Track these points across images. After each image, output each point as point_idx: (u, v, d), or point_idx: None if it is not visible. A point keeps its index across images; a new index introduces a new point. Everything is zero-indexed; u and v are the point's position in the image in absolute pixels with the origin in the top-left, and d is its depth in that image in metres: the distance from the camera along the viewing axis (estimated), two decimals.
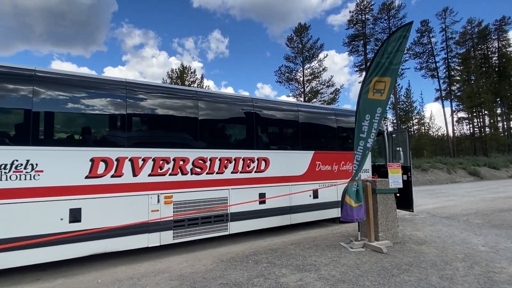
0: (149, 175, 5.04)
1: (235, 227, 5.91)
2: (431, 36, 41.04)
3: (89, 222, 4.47)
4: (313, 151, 7.09)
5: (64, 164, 4.37)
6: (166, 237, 5.16)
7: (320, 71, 35.76)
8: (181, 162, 5.35)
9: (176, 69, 32.42)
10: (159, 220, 5.03)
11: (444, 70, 42.30)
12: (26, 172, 4.11)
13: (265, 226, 6.32)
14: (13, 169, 4.04)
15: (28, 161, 4.12)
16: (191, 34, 66.04)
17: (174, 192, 5.26)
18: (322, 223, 7.75)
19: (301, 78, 36.00)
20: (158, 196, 5.10)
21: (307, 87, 35.97)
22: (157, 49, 66.18)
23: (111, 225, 4.54)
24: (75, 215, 4.39)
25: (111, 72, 56.52)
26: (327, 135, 7.83)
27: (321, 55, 36.08)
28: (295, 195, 6.55)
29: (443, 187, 18.27)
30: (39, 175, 4.19)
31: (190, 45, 62.40)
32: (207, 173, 5.63)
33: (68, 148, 4.50)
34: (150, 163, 5.04)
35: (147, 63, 65.03)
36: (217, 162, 5.75)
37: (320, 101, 34.93)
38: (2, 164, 3.98)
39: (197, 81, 32.72)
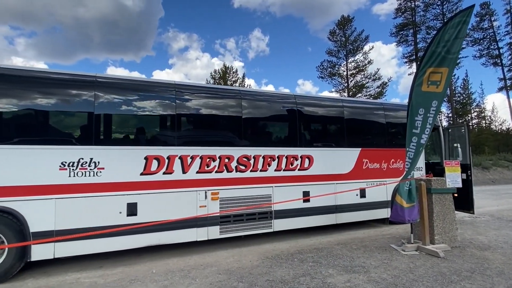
0: (197, 172, 5.26)
1: (279, 224, 5.92)
2: (493, 19, 36.82)
3: (144, 215, 4.81)
4: (360, 149, 6.81)
5: (122, 161, 4.75)
6: (213, 232, 5.35)
7: (365, 64, 34.13)
8: (226, 160, 5.50)
9: (218, 69, 33.41)
10: (206, 216, 5.22)
11: (509, 57, 37.74)
12: (90, 169, 4.55)
13: (310, 224, 6.24)
14: (79, 166, 4.49)
15: (91, 159, 4.55)
16: (232, 34, 67.27)
17: (220, 189, 5.42)
18: (370, 224, 7.42)
19: (345, 73, 34.73)
20: (206, 192, 5.31)
21: (351, 81, 34.61)
22: (200, 51, 68.58)
23: (163, 219, 4.84)
24: (132, 209, 4.75)
25: (159, 75, 60.04)
26: (375, 131, 7.46)
27: (366, 48, 34.41)
28: (341, 194, 6.35)
29: (509, 187, 16.38)
30: (101, 172, 4.60)
31: (232, 45, 63.57)
32: (251, 171, 5.71)
33: (125, 147, 4.88)
34: (197, 161, 5.26)
35: (191, 65, 67.73)
36: (261, 160, 5.80)
37: (366, 95, 33.38)
38: (70, 162, 4.45)
39: (238, 80, 33.31)
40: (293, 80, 68.44)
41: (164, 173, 5.01)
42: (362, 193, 6.76)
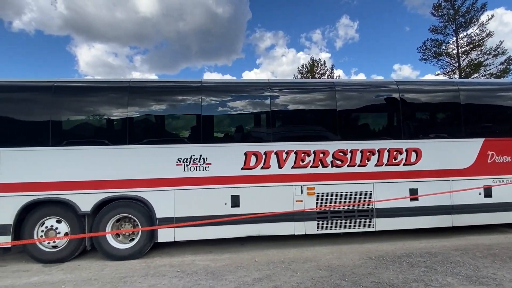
0: (292, 167, 5.32)
1: (381, 224, 5.48)
2: None
3: (246, 207, 5.14)
4: (483, 139, 5.71)
5: (225, 157, 5.19)
6: (311, 227, 5.33)
7: (483, 38, 28.24)
8: (321, 155, 5.39)
9: (305, 63, 33.02)
10: (303, 211, 5.25)
11: None
12: (200, 165, 5.12)
13: (419, 226, 5.58)
14: (191, 162, 5.11)
15: (201, 155, 5.12)
16: (318, 26, 65.52)
17: (316, 184, 5.36)
18: (496, 229, 6.18)
19: (455, 51, 29.60)
20: (301, 187, 5.33)
21: (463, 60, 29.28)
22: (285, 47, 69.17)
23: (262, 211, 5.09)
24: (235, 201, 5.14)
25: (248, 76, 63.36)
26: (503, 117, 6.14)
27: (483, 18, 28.50)
28: (459, 192, 5.46)
29: None
30: (209, 167, 5.13)
31: (317, 37, 61.96)
32: (348, 166, 5.45)
33: (227, 144, 5.32)
34: (292, 156, 5.32)
35: (277, 63, 69.02)
36: (359, 154, 5.47)
37: (485, 75, 27.72)
38: (184, 158, 5.10)
39: (327, 72, 32.27)
40: (387, 65, 62.28)
41: (261, 168, 5.25)
42: (487, 192, 5.66)
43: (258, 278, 3.97)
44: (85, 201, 4.90)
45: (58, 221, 4.97)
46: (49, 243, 4.91)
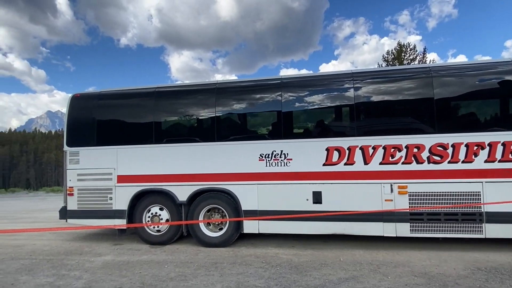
0: (380, 163, 4.93)
1: (494, 230, 4.64)
2: None
3: (329, 204, 5.01)
4: None
5: (306, 153, 5.14)
6: (403, 229, 4.86)
7: None
8: (415, 150, 4.84)
9: (391, 50, 30.07)
10: (393, 211, 4.82)
11: None
12: (281, 160, 5.19)
13: None
14: (273, 157, 5.23)
15: (282, 151, 5.19)
16: (405, 6, 59.30)
17: (408, 182, 4.86)
18: None
19: None
20: (391, 185, 4.90)
21: None
22: (367, 34, 65.09)
23: (347, 209, 4.88)
24: (317, 197, 5.06)
25: (326, 69, 61.31)
26: None
27: None
28: None
29: None
30: (290, 162, 5.17)
31: (405, 18, 56.24)
32: (449, 162, 4.76)
33: (308, 140, 5.26)
34: (380, 151, 4.93)
35: (357, 52, 65.57)
36: (463, 149, 4.72)
37: None
38: (266, 154, 5.25)
39: (417, 57, 28.77)
40: (497, 44, 52.47)
41: (345, 164, 5.02)
42: None
43: (344, 278, 3.82)
44: (182, 192, 5.51)
45: (161, 209, 5.73)
46: (154, 227, 5.71)
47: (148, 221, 5.76)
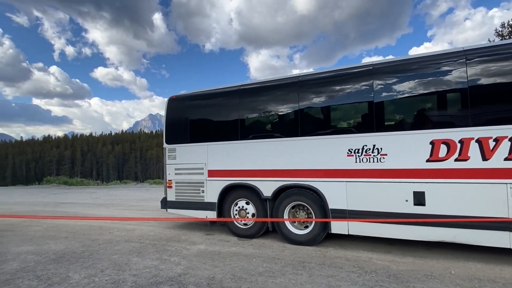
0: (506, 159, 3.97)
1: None
2: None
3: (434, 207, 4.29)
4: None
5: (405, 147, 4.51)
6: None
7: None
8: None
9: (507, 21, 24.59)
10: None
11: None
12: (374, 156, 4.69)
13: None
14: (363, 153, 4.76)
15: (374, 145, 4.68)
16: None
17: None
18: None
19: None
20: None
21: None
22: (470, 8, 54.79)
23: (458, 213, 4.10)
24: (419, 198, 4.39)
25: (416, 52, 54.15)
26: None
27: None
28: None
29: None
30: (384, 158, 4.62)
31: None
32: None
33: (407, 133, 4.59)
34: (505, 144, 3.96)
35: (457, 30, 56.34)
36: None
37: None
38: (355, 149, 4.81)
39: None
40: None
41: (456, 160, 4.21)
42: None
43: None
44: (266, 187, 5.52)
45: (247, 203, 5.87)
46: (241, 220, 5.89)
47: (236, 214, 5.97)
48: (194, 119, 6.50)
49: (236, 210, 5.97)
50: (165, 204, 6.72)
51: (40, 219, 8.06)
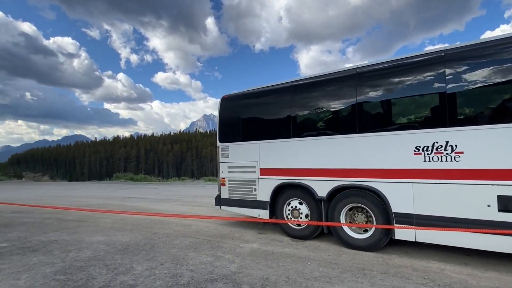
0: None
1: None
2: None
3: None
4: None
5: (488, 144, 3.87)
6: None
7: None
8: None
9: None
10: None
11: None
12: (447, 154, 4.12)
13: None
14: (434, 151, 4.22)
15: (447, 142, 4.11)
16: None
17: None
18: None
19: None
20: None
21: None
22: None
23: None
24: (505, 204, 3.73)
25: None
26: None
27: None
28: None
29: None
30: (459, 156, 4.03)
31: None
32: None
33: (489, 127, 3.92)
34: None
35: None
36: None
37: None
38: (424, 146, 4.29)
39: None
40: None
41: None
42: None
43: None
44: (321, 187, 5.25)
45: (300, 203, 5.67)
46: (294, 221, 5.71)
47: (289, 214, 5.81)
48: (246, 118, 6.49)
49: (289, 210, 5.80)
50: (219, 201, 6.85)
51: (108, 213, 8.87)
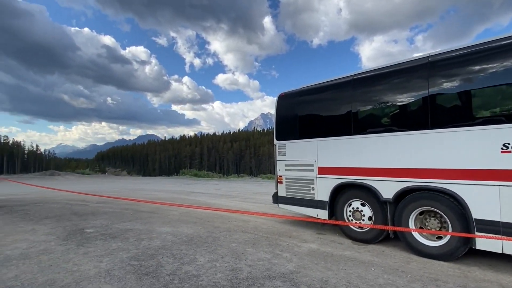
0: None
1: None
2: None
3: None
4: None
5: None
6: None
7: None
8: None
9: None
10: None
11: None
12: None
13: None
14: None
15: None
16: None
17: None
18: None
19: None
20: None
21: None
22: None
23: None
24: None
25: None
26: None
27: None
28: None
29: None
30: None
31: None
32: None
33: None
34: None
35: None
36: None
37: None
38: None
39: None
40: None
41: None
42: None
43: None
44: (386, 188, 4.88)
45: (362, 204, 5.34)
46: (355, 223, 5.41)
47: (349, 215, 5.53)
48: (303, 115, 6.36)
49: (350, 211, 5.52)
50: (276, 199, 6.86)
51: (175, 207, 9.59)
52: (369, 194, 5.17)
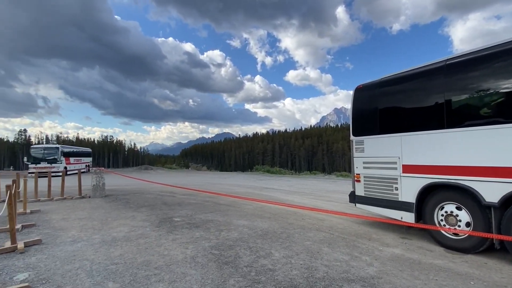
0: None
1: None
2: None
3: None
4: None
5: None
6: None
7: None
8: None
9: None
10: None
11: None
12: None
13: None
14: None
15: None
16: None
17: None
18: None
19: None
20: None
21: None
22: None
23: None
24: None
25: None
26: None
27: None
28: None
29: None
30: None
31: None
32: None
33: None
34: None
35: None
36: None
37: None
38: None
39: None
40: None
41: None
42: None
43: None
44: (490, 191, 4.14)
45: (458, 208, 4.66)
46: (449, 228, 4.75)
47: (441, 220, 4.88)
48: (384, 108, 5.84)
49: (442, 215, 4.86)
50: (354, 198, 6.49)
51: (250, 201, 9.94)
52: (467, 197, 4.48)
